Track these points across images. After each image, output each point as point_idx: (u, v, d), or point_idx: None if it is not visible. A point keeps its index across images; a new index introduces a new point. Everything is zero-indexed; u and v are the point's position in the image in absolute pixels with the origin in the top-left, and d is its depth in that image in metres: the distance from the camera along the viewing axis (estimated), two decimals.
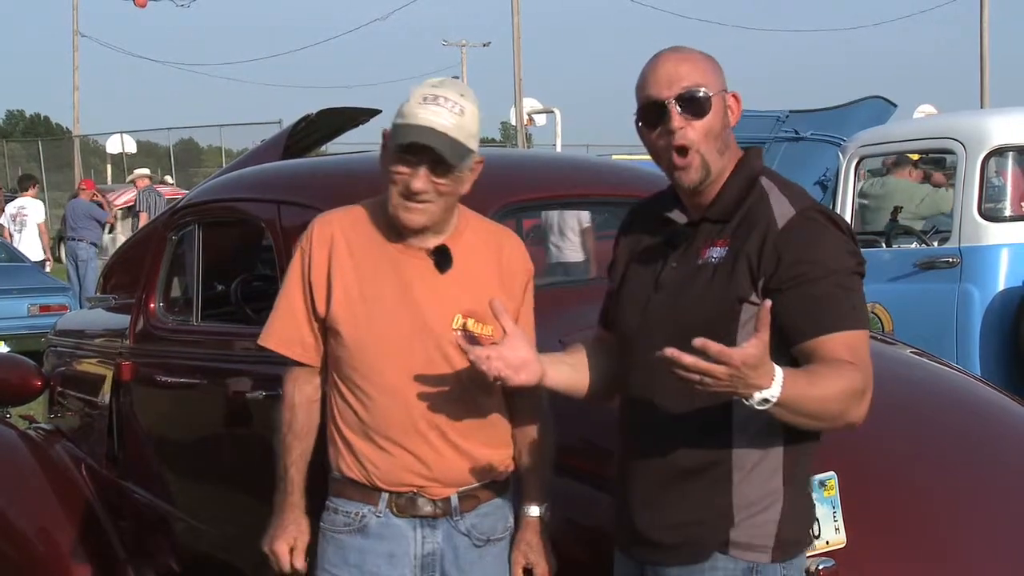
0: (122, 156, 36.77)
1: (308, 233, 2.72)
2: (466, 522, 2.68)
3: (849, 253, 2.29)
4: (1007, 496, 3.09)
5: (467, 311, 2.65)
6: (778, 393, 2.10)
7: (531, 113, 27.33)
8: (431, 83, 2.63)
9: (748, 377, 2.06)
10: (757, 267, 2.26)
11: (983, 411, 3.47)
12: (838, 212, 7.39)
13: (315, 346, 2.71)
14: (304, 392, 2.72)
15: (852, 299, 2.26)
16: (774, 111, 12.88)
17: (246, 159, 5.11)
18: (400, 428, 2.62)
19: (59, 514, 4.57)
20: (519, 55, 32.53)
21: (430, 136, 2.55)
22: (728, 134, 2.39)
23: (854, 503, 2.72)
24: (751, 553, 2.31)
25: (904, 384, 3.42)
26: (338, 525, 2.69)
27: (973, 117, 7.97)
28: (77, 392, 5.06)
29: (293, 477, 2.71)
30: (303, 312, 2.69)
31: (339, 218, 2.72)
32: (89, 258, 15.56)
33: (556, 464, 2.77)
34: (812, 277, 2.23)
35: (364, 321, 2.63)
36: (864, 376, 2.21)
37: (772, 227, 2.26)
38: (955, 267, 6.80)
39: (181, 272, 4.43)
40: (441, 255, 2.67)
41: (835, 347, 2.21)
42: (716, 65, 2.39)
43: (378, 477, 2.65)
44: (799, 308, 2.23)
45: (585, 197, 4.28)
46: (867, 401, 2.23)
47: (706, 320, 2.25)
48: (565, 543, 2.80)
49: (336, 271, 2.66)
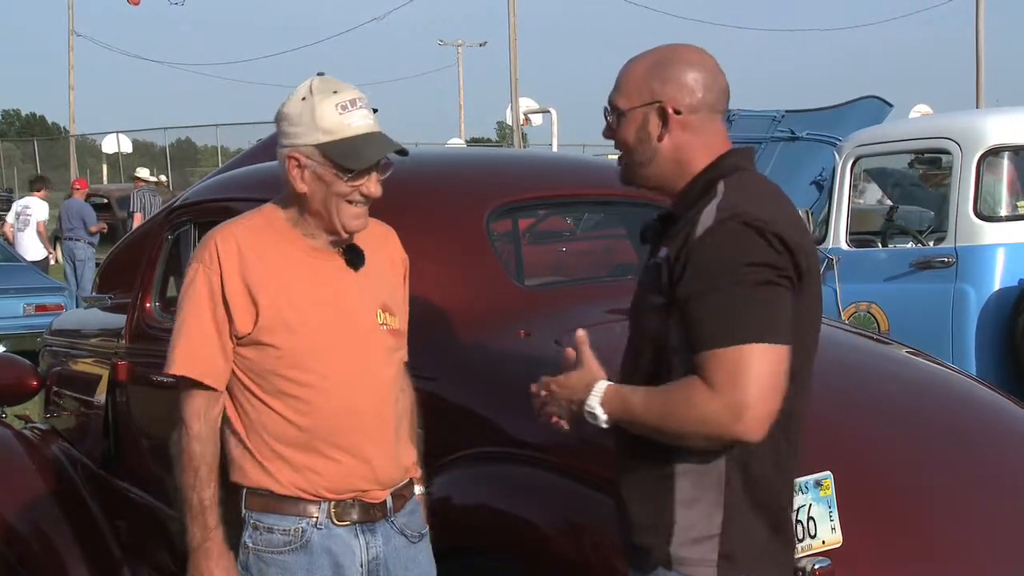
0: (118, 156, 36.77)
1: (209, 250, 2.59)
2: (399, 521, 2.68)
3: (752, 264, 2.16)
4: (1004, 495, 3.10)
5: (382, 305, 2.67)
6: (596, 404, 2.27)
7: (527, 113, 27.30)
8: (323, 89, 2.57)
9: (569, 394, 2.33)
10: (671, 274, 2.24)
11: (979, 411, 3.48)
12: (835, 212, 7.44)
13: (224, 369, 2.59)
14: (210, 420, 2.60)
15: (737, 314, 2.14)
16: (770, 111, 12.88)
17: (242, 159, 5.10)
18: (347, 431, 2.59)
19: (55, 514, 4.56)
20: (515, 55, 32.52)
21: (384, 144, 2.58)
22: (652, 147, 2.35)
23: (850, 502, 2.73)
24: (693, 568, 2.24)
25: (900, 384, 3.42)
26: (276, 545, 2.59)
27: (969, 117, 7.97)
28: (73, 392, 5.05)
29: (212, 514, 2.59)
30: (214, 334, 2.57)
31: (238, 230, 2.63)
32: (86, 258, 15.58)
33: (556, 464, 2.77)
34: (697, 290, 2.17)
35: (298, 327, 2.57)
36: (723, 399, 2.11)
37: (692, 236, 2.22)
38: (951, 267, 6.81)
39: (177, 272, 4.42)
40: (353, 252, 2.66)
41: (703, 365, 2.14)
42: (651, 73, 2.35)
43: (323, 487, 2.58)
44: (687, 322, 2.19)
45: (581, 197, 4.27)
46: (734, 424, 2.11)
47: (645, 322, 2.30)
48: (565, 543, 2.80)
49: (255, 284, 2.56)
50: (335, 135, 2.54)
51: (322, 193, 2.57)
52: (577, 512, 2.86)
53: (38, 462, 4.78)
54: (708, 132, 2.36)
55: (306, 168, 2.56)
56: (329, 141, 2.54)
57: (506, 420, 3.14)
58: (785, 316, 2.19)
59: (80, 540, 4.49)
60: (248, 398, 2.60)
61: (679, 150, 2.35)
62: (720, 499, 2.24)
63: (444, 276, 3.41)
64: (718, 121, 2.38)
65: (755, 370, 2.13)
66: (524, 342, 3.21)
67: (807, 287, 2.25)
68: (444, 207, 3.72)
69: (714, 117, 2.36)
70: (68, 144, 41.36)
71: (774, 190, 2.36)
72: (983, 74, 31.13)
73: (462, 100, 53.86)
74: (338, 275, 2.65)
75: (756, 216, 2.20)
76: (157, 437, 4.43)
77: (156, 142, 39.91)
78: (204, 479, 2.59)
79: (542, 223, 5.32)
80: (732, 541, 2.24)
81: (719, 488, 2.24)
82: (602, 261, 4.90)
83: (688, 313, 2.19)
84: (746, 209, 2.21)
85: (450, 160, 4.54)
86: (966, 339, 6.67)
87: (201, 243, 2.64)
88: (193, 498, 2.60)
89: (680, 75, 2.34)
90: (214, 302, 2.57)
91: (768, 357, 2.14)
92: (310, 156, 2.56)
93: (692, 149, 2.35)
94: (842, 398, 3.03)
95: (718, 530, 2.24)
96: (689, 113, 2.33)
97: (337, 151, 2.54)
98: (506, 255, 3.95)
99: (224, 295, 2.57)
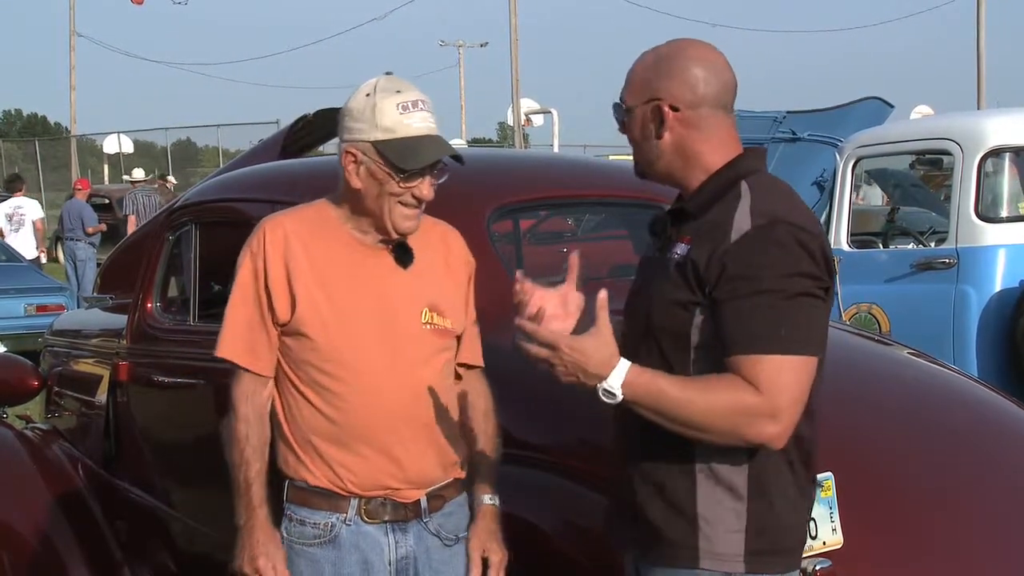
0: (119, 156, 36.77)
1: (258, 237, 2.64)
2: (434, 522, 2.67)
3: (797, 275, 2.18)
4: (1004, 496, 3.10)
5: (430, 304, 2.66)
6: (617, 385, 2.15)
7: (528, 113, 27.31)
8: (387, 88, 2.60)
9: (582, 364, 2.14)
10: (705, 274, 2.23)
11: (980, 412, 3.48)
12: (835, 213, 7.44)
13: (269, 355, 2.64)
14: (257, 403, 2.64)
15: (781, 322, 2.15)
16: (771, 112, 12.87)
17: (243, 159, 5.11)
18: (378, 429, 2.59)
19: (56, 514, 4.57)
20: (516, 55, 32.53)
21: (440, 147, 2.59)
22: (654, 144, 2.35)
23: (851, 503, 2.73)
24: (721, 563, 2.25)
25: (901, 385, 3.43)
26: (307, 537, 2.63)
27: (970, 118, 7.97)
28: (74, 392, 5.06)
29: (257, 492, 2.61)
30: (258, 320, 2.62)
31: (287, 220, 2.67)
32: (88, 258, 15.56)
33: (556, 465, 2.77)
34: (741, 293, 2.17)
35: (334, 321, 2.59)
36: (765, 401, 2.13)
37: (726, 239, 2.21)
38: (952, 268, 6.81)
39: (178, 272, 4.43)
40: (403, 251, 2.67)
41: (745, 367, 2.15)
42: (654, 69, 2.35)
43: (352, 482, 2.60)
44: (725, 323, 2.19)
45: (582, 198, 4.27)
46: (768, 426, 2.14)
47: (663, 315, 2.27)
48: (565, 544, 2.80)
49: (295, 273, 2.60)
50: (393, 134, 2.55)
51: (375, 191, 2.59)
52: (577, 513, 2.86)
53: (39, 462, 4.79)
54: (713, 127, 2.34)
55: (362, 164, 2.58)
56: (386, 139, 2.56)
57: (507, 421, 3.14)
58: (821, 328, 2.24)
59: (81, 540, 4.49)
60: (288, 388, 2.64)
61: (682, 146, 2.34)
62: (743, 494, 2.26)
63: None
64: (723, 117, 2.35)
65: (792, 379, 2.16)
66: None
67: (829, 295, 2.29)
68: (445, 207, 3.70)
69: (717, 113, 2.34)
70: (69, 144, 41.35)
71: (792, 192, 2.37)
72: (984, 75, 31.13)
73: (463, 101, 53.93)
74: (384, 273, 2.65)
75: (800, 225, 2.22)
76: (158, 437, 4.44)
77: (157, 142, 39.88)
78: (248, 459, 2.62)
79: (543, 223, 5.32)
80: (758, 534, 2.26)
81: (742, 484, 2.26)
82: (603, 261, 4.90)
83: (727, 314, 2.19)
84: (787, 216, 2.23)
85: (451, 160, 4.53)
86: (967, 340, 6.67)
87: (253, 231, 2.68)
88: (239, 477, 2.63)
89: (681, 71, 2.33)
90: (258, 287, 2.62)
91: (803, 369, 2.18)
92: (366, 153, 2.57)
93: (697, 144, 2.34)
94: (843, 399, 3.02)
95: (743, 525, 2.25)
96: (688, 109, 2.32)
97: (392, 150, 2.55)
98: (507, 255, 3.95)
99: (267, 282, 2.61)
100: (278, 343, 2.64)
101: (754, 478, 2.26)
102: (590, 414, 2.80)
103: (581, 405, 2.80)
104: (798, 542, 2.35)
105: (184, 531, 4.25)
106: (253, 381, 2.65)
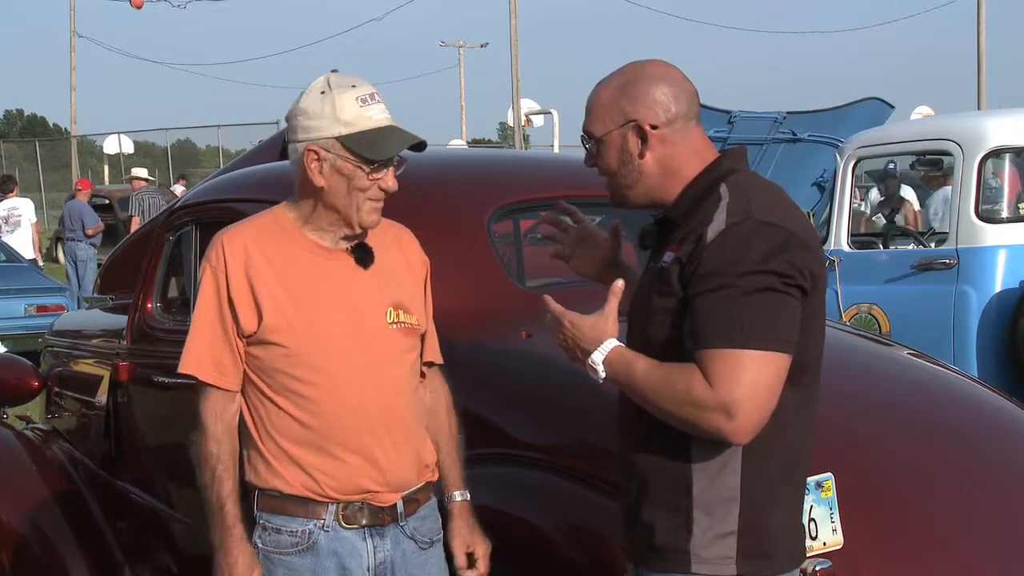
0: (119, 156, 36.77)
1: (216, 251, 2.62)
2: (410, 526, 2.67)
3: (762, 271, 2.18)
4: (1004, 497, 3.10)
5: (395, 303, 2.67)
6: (599, 360, 2.30)
7: (529, 114, 27.29)
8: (341, 84, 2.59)
9: (578, 339, 2.34)
10: (681, 276, 2.26)
11: (980, 412, 3.47)
12: (836, 213, 7.44)
13: (235, 370, 2.62)
14: (226, 420, 2.63)
15: (742, 317, 2.17)
16: (771, 112, 12.89)
17: (244, 160, 5.10)
18: (355, 431, 2.59)
19: (56, 515, 4.57)
20: (517, 56, 32.51)
21: (403, 137, 2.60)
22: (635, 165, 2.38)
23: (851, 504, 2.73)
24: (713, 567, 2.26)
25: (901, 385, 3.43)
26: (284, 546, 2.61)
27: (970, 118, 7.97)
28: (74, 392, 5.06)
29: (231, 511, 2.59)
30: (221, 334, 2.61)
31: (244, 231, 2.65)
32: (88, 258, 15.56)
33: (556, 465, 2.77)
34: (705, 289, 2.20)
35: (302, 326, 2.58)
36: (715, 396, 2.15)
37: (703, 240, 2.24)
38: (952, 269, 6.82)
39: (178, 272, 4.43)
40: (363, 251, 2.66)
41: (702, 361, 2.17)
42: (619, 94, 2.39)
43: (330, 487, 2.59)
44: (690, 317, 2.22)
45: (582, 198, 4.27)
46: (720, 420, 2.16)
47: (657, 326, 2.30)
48: (566, 544, 2.80)
49: (258, 282, 2.59)
50: (355, 127, 2.56)
51: (343, 187, 2.59)
52: (577, 513, 2.86)
53: (39, 463, 4.79)
54: (689, 139, 2.40)
55: (325, 161, 2.58)
56: (350, 133, 2.56)
57: (507, 421, 3.14)
58: (790, 324, 2.21)
59: (81, 541, 4.49)
60: (258, 397, 2.62)
61: (664, 163, 2.39)
62: (736, 496, 2.26)
63: (445, 277, 3.41)
64: (694, 126, 2.41)
65: (751, 375, 2.16)
66: (525, 343, 3.21)
67: (815, 291, 2.27)
68: (445, 208, 3.72)
69: (689, 124, 2.40)
70: (69, 145, 41.37)
71: (776, 190, 2.39)
72: (984, 76, 31.15)
73: (463, 101, 53.90)
74: (347, 274, 2.65)
75: (772, 221, 2.23)
76: (158, 438, 4.44)
77: (157, 143, 39.91)
78: (221, 477, 2.60)
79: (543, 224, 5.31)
80: (750, 537, 2.26)
81: (735, 485, 2.26)
82: None
83: (692, 309, 2.22)
84: (760, 214, 2.24)
85: (451, 161, 4.54)
86: (967, 341, 6.68)
87: (211, 244, 2.66)
88: (211, 497, 2.61)
89: (647, 91, 2.37)
90: (220, 302, 2.61)
91: (765, 364, 2.17)
92: (330, 148, 2.57)
93: (678, 158, 2.39)
94: (843, 400, 3.02)
95: (735, 527, 2.26)
96: (665, 127, 2.37)
97: (357, 143, 2.56)
98: (507, 256, 3.95)
99: (229, 295, 2.59)
100: (244, 356, 2.62)
101: (746, 482, 2.27)
102: (591, 415, 2.81)
103: (582, 406, 2.80)
104: (790, 545, 2.36)
105: (184, 531, 4.25)
106: (221, 397, 2.63)
